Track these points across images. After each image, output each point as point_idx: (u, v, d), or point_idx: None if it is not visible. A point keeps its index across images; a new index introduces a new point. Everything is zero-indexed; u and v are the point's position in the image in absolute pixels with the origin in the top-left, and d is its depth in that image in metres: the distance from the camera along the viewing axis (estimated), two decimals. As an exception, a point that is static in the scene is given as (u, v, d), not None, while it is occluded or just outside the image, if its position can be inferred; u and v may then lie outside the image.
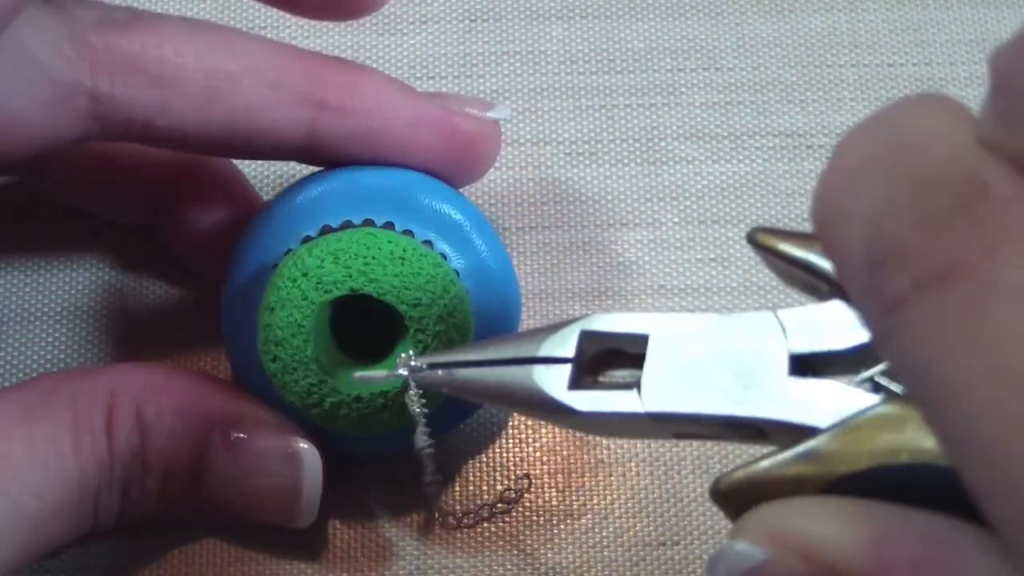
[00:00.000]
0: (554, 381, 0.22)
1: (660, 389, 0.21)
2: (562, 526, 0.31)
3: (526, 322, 0.33)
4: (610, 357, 0.23)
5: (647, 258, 0.34)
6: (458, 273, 0.28)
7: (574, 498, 0.31)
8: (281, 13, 0.37)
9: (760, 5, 0.38)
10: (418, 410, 0.26)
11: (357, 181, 0.28)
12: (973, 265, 0.15)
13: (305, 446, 0.28)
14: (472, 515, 0.31)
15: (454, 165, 0.29)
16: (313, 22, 0.37)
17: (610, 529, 0.31)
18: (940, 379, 0.15)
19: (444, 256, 0.28)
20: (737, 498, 0.21)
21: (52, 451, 0.25)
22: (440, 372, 0.25)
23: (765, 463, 0.20)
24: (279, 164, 0.35)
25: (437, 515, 0.31)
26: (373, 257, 0.26)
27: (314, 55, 0.28)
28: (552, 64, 0.37)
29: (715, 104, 0.37)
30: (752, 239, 0.21)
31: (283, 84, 0.27)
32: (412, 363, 0.25)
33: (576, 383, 0.22)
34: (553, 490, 0.32)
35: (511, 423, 0.32)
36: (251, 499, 0.28)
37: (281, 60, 0.27)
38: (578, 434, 0.32)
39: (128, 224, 0.33)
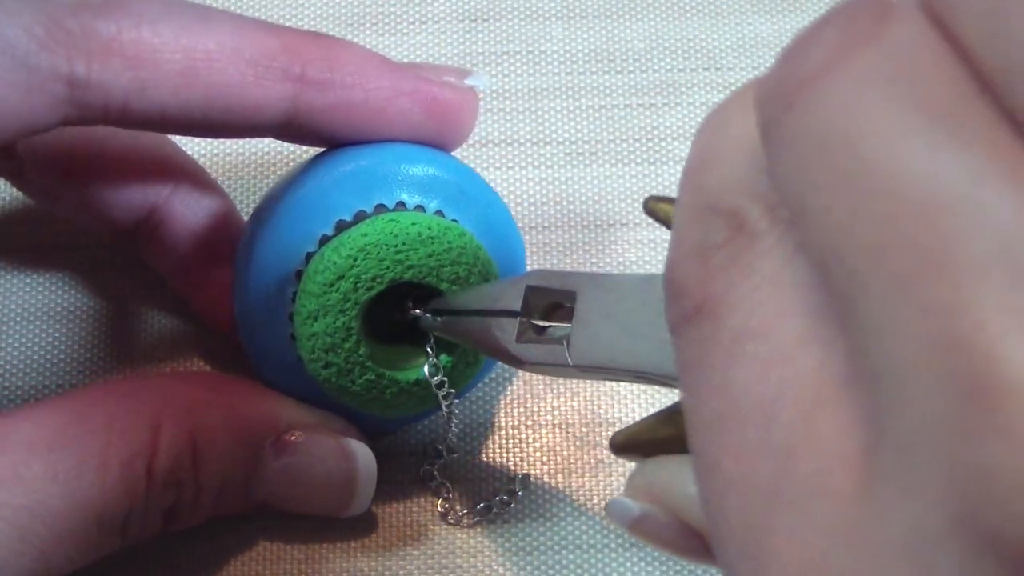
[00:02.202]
0: (506, 334, 0.25)
1: (583, 344, 0.24)
2: (562, 526, 0.31)
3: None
4: (556, 307, 0.25)
5: (647, 258, 0.34)
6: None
7: (574, 498, 0.31)
8: (279, 12, 0.37)
9: (760, 5, 0.38)
10: (431, 354, 0.28)
11: (356, 166, 0.28)
12: (715, 303, 0.15)
13: (356, 443, 0.28)
14: (472, 515, 0.31)
15: (434, 134, 0.29)
16: (312, 23, 0.37)
17: (610, 529, 0.31)
18: (683, 407, 0.16)
19: (457, 222, 0.28)
20: (632, 452, 0.23)
21: (72, 479, 0.25)
22: (429, 317, 0.27)
23: (638, 424, 0.23)
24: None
25: (440, 504, 0.31)
26: (403, 243, 0.26)
27: (291, 30, 0.27)
28: (552, 64, 0.37)
29: (715, 104, 0.36)
30: (646, 207, 0.23)
31: (262, 60, 0.26)
32: (415, 311, 0.27)
33: (522, 335, 0.25)
34: (553, 490, 0.32)
35: (511, 423, 0.32)
36: (305, 499, 0.28)
37: (259, 36, 0.27)
38: (578, 434, 0.32)
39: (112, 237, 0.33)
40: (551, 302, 0.25)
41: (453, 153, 0.30)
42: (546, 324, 0.25)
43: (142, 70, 0.25)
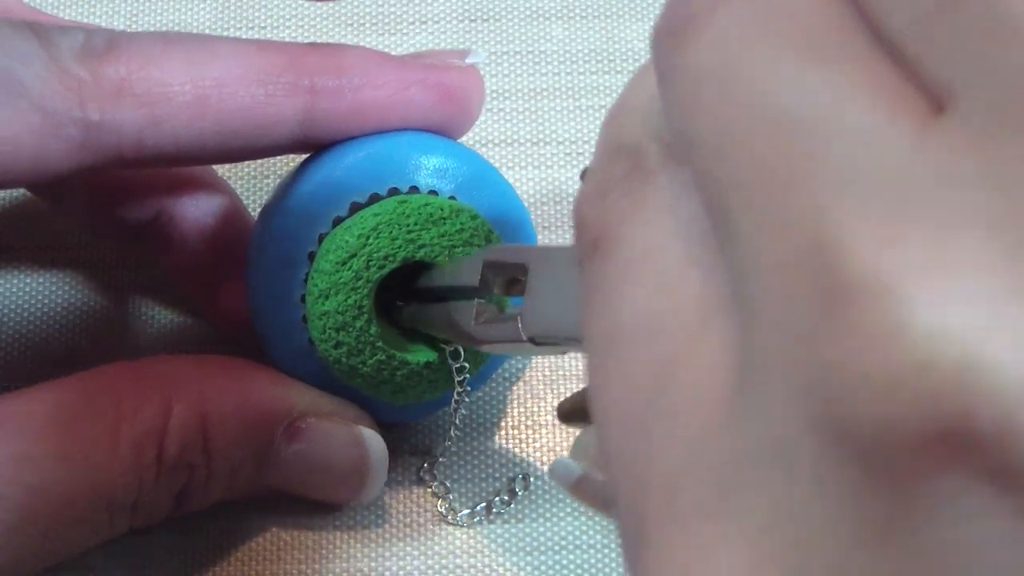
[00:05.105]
0: (464, 316, 0.25)
1: (533, 317, 0.23)
2: (562, 525, 0.31)
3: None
4: (514, 282, 0.25)
5: (647, 258, 0.34)
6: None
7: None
8: (279, 12, 0.37)
9: (760, 5, 0.38)
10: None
11: (370, 153, 0.28)
12: (609, 236, 0.16)
13: (368, 431, 0.28)
14: (472, 515, 0.31)
15: (447, 119, 0.29)
16: (312, 23, 0.37)
17: (610, 528, 0.31)
18: (584, 344, 0.16)
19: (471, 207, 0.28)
20: (576, 419, 0.23)
21: (83, 460, 0.25)
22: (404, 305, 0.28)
23: (581, 392, 0.23)
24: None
25: (440, 504, 0.31)
26: (415, 223, 0.27)
27: (291, 45, 0.28)
28: (552, 64, 0.37)
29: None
30: (583, 177, 0.23)
31: (270, 78, 0.27)
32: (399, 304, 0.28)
33: (480, 316, 0.25)
34: (553, 490, 0.32)
35: (511, 423, 0.32)
36: (315, 483, 0.29)
37: (262, 55, 0.27)
38: (578, 434, 0.32)
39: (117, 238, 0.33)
40: (509, 277, 0.25)
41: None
42: (506, 299, 0.25)
43: (154, 107, 0.25)
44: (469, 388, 0.29)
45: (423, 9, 0.38)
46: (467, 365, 0.28)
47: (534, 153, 0.36)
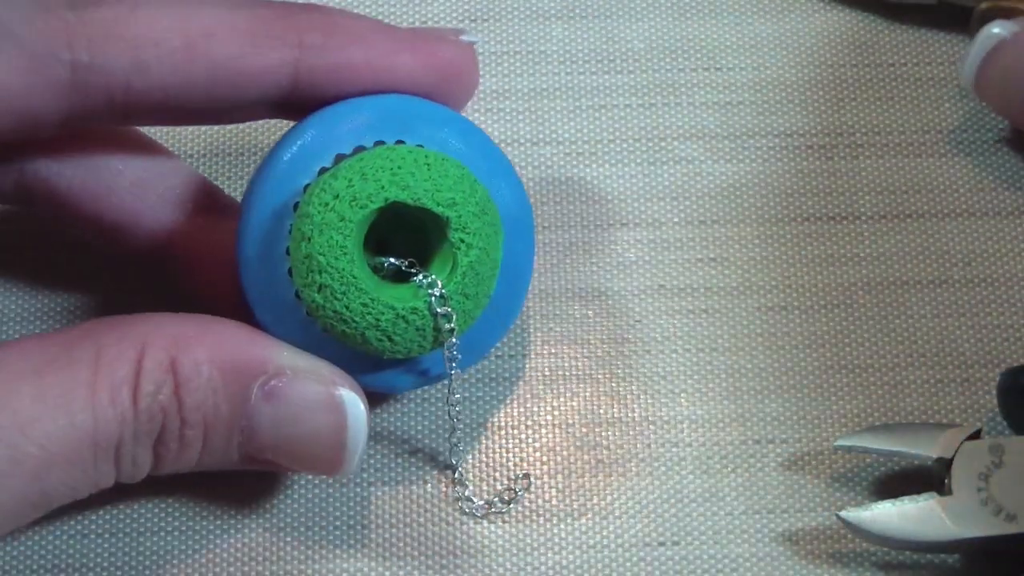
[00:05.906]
0: None
1: None
2: (562, 526, 0.31)
3: (527, 319, 0.33)
4: None
5: (647, 258, 0.34)
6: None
7: (574, 498, 0.31)
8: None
9: (760, 5, 0.38)
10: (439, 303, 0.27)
11: (358, 110, 0.28)
12: None
13: (347, 392, 0.28)
14: (472, 514, 0.31)
15: (437, 88, 0.29)
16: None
17: (610, 529, 0.31)
18: None
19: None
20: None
21: (62, 403, 0.25)
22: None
23: None
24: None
25: (456, 491, 0.31)
26: (399, 167, 0.26)
27: (284, 4, 0.28)
28: (552, 64, 0.37)
29: (715, 104, 0.37)
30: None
31: (260, 31, 0.27)
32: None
33: None
34: (553, 490, 0.32)
35: (511, 423, 0.32)
36: (294, 450, 0.28)
37: (252, 9, 0.27)
38: (578, 434, 0.32)
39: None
40: None
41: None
42: None
43: (142, 51, 0.26)
44: (456, 341, 0.28)
45: (423, 9, 0.38)
46: (451, 311, 0.27)
47: (534, 153, 0.36)
